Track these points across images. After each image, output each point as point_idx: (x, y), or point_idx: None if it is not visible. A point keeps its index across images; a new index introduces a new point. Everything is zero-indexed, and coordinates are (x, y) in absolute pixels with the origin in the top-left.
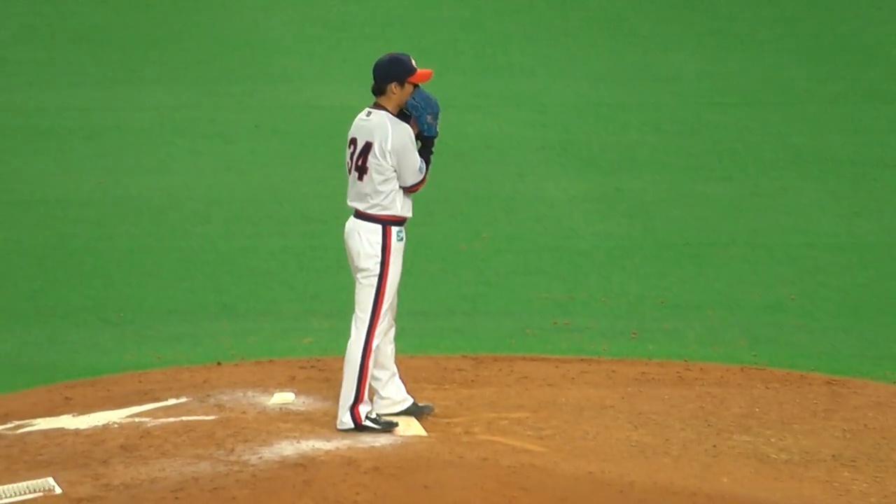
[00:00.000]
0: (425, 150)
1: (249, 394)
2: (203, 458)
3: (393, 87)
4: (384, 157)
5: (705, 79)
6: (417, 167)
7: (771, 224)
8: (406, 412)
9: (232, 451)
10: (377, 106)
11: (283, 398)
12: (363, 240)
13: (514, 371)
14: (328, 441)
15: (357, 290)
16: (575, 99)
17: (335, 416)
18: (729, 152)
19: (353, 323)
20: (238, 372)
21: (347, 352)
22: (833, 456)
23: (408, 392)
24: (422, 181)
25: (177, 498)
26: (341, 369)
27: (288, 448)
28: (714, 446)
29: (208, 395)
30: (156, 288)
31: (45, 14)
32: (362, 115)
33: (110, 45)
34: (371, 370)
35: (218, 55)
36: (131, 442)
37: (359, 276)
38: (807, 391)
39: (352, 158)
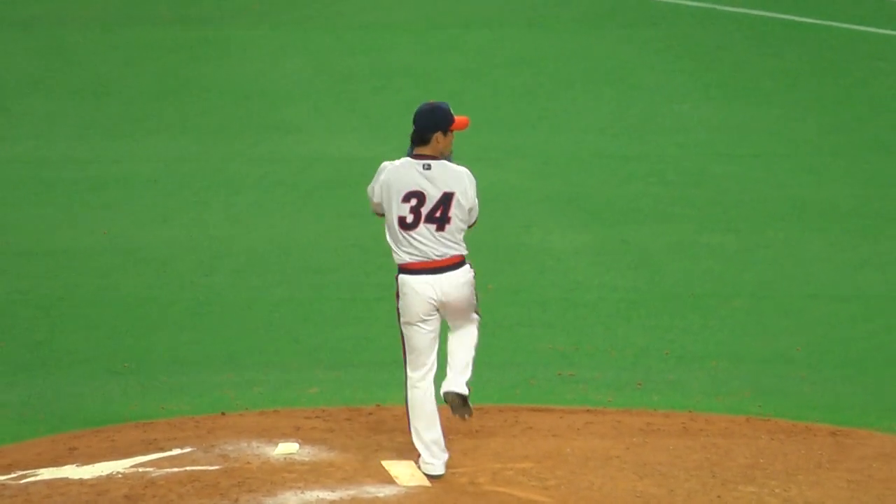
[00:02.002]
0: None
1: (254, 444)
2: None
3: (438, 136)
4: (467, 203)
5: (710, 130)
6: (476, 206)
7: (776, 275)
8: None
9: (236, 501)
10: (424, 157)
11: (287, 448)
12: (469, 284)
13: (518, 422)
14: (333, 491)
15: (465, 332)
16: (579, 150)
17: (340, 467)
18: (734, 203)
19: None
20: (242, 422)
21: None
22: None
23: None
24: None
25: None
26: (351, 419)
27: (292, 499)
28: (719, 497)
29: (213, 446)
30: (160, 339)
31: (50, 65)
32: (415, 167)
33: (116, 96)
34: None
35: (223, 106)
36: (135, 492)
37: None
38: (811, 442)
39: (416, 211)
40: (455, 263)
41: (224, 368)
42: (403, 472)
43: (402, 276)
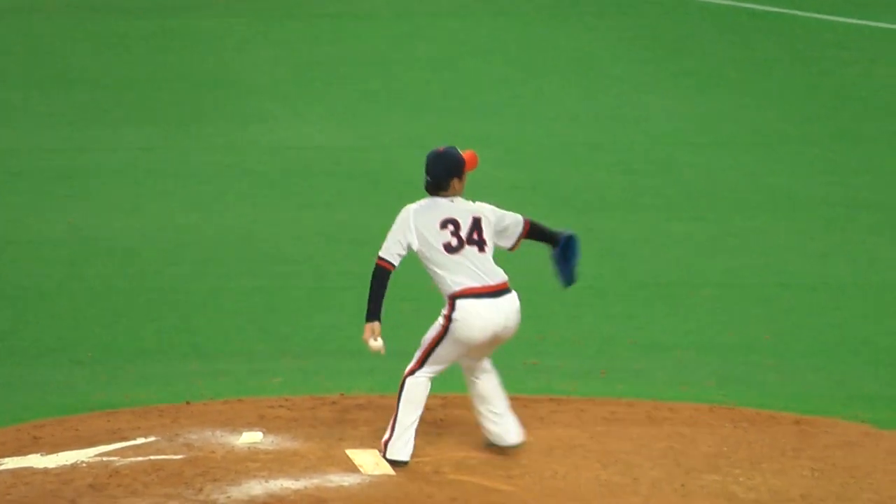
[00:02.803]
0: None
1: (218, 433)
2: (172, 497)
3: (454, 182)
4: (494, 216)
5: (677, 119)
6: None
7: (743, 264)
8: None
9: (200, 490)
10: (446, 196)
11: (251, 437)
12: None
13: None
14: (297, 480)
15: (493, 370)
16: (546, 139)
17: (304, 456)
18: (701, 192)
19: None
20: (207, 411)
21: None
22: (802, 496)
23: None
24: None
25: None
26: (315, 408)
27: (257, 487)
28: (683, 485)
29: (177, 435)
30: (126, 328)
31: (17, 55)
32: (442, 202)
33: (83, 85)
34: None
35: (190, 96)
36: (100, 481)
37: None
38: (776, 431)
39: (456, 235)
40: (508, 288)
41: (189, 358)
42: (368, 461)
43: (461, 302)
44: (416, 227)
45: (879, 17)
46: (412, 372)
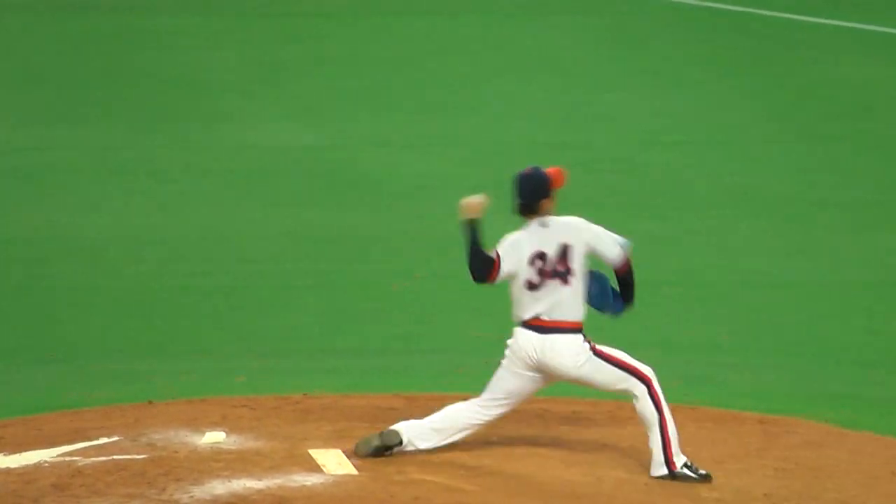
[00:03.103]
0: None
1: (181, 433)
2: (135, 497)
3: (544, 202)
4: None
5: (640, 117)
6: (620, 242)
7: (705, 263)
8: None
9: (164, 490)
10: (537, 217)
11: (214, 437)
12: (571, 355)
13: None
14: (260, 480)
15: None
16: (510, 138)
17: (267, 456)
18: (663, 191)
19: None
20: (170, 411)
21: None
22: (765, 495)
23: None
24: (628, 261)
25: None
26: (278, 408)
27: (219, 487)
28: (646, 485)
29: (140, 434)
30: (89, 327)
31: None
32: (535, 229)
33: (46, 84)
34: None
35: (154, 95)
36: (63, 481)
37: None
38: (739, 430)
39: (542, 271)
40: (562, 328)
41: (152, 357)
42: (331, 461)
43: (516, 329)
44: (506, 266)
45: (843, 16)
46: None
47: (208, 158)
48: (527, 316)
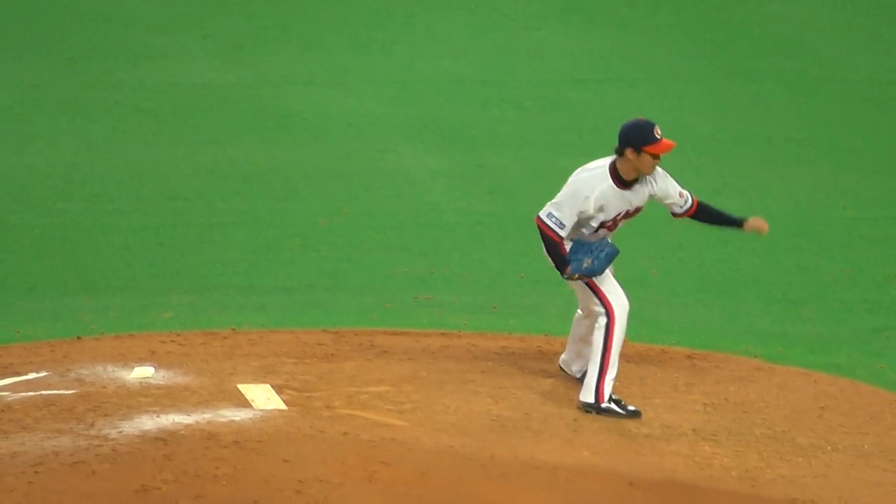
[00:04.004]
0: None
1: (109, 368)
2: (63, 432)
3: (629, 152)
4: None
5: (567, 55)
6: (551, 210)
7: None
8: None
9: (92, 425)
10: (613, 162)
11: (143, 373)
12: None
13: (374, 345)
14: (188, 415)
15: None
16: (436, 76)
17: (195, 391)
18: (591, 129)
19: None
20: (98, 347)
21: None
22: (694, 430)
23: None
24: (541, 225)
25: (36, 472)
26: (206, 344)
27: (148, 422)
28: (575, 420)
29: (68, 370)
30: (16, 264)
31: None
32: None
33: None
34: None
35: (79, 32)
36: None
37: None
38: (668, 365)
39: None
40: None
41: (80, 293)
42: (259, 396)
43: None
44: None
45: None
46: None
47: (134, 97)
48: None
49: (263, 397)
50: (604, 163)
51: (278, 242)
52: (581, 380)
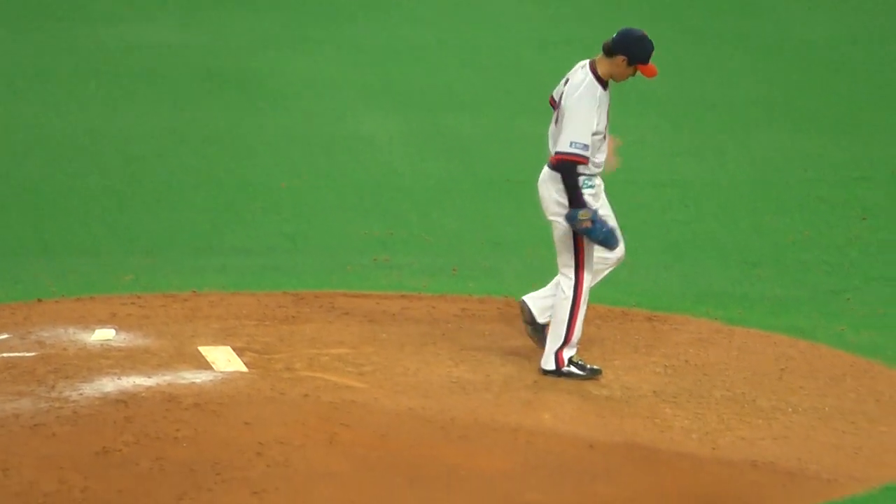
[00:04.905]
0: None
1: (70, 330)
2: (24, 394)
3: (620, 59)
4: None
5: (525, 18)
6: (571, 139)
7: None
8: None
9: (53, 387)
10: (592, 63)
11: (103, 335)
12: (552, 189)
13: (335, 307)
14: (149, 377)
15: (555, 241)
16: (394, 39)
17: (156, 353)
18: (548, 91)
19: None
20: (58, 309)
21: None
22: (654, 392)
23: None
24: (565, 158)
25: None
26: (166, 306)
27: (109, 384)
28: (535, 382)
29: (29, 332)
30: None
31: None
32: (579, 63)
33: None
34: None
35: None
36: None
37: (552, 222)
38: (628, 327)
39: (554, 100)
40: (552, 166)
41: (39, 256)
42: (220, 358)
43: None
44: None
45: None
46: None
47: (94, 59)
48: None
49: (224, 359)
50: (583, 74)
51: (238, 205)
52: (540, 342)
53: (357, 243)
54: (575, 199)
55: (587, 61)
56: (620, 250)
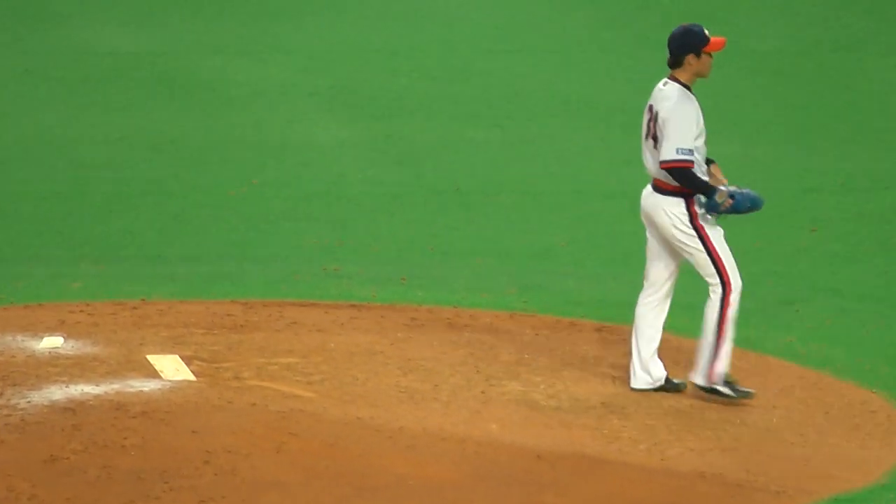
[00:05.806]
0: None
1: (18, 338)
2: None
3: (690, 58)
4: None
5: (476, 25)
6: (676, 145)
7: (541, 171)
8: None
9: (1, 394)
10: (672, 77)
11: (52, 342)
12: (668, 215)
13: (283, 316)
14: (97, 385)
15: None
16: (344, 45)
17: (104, 361)
18: (499, 99)
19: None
20: (7, 316)
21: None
22: (603, 403)
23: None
24: (674, 165)
25: None
26: (115, 314)
27: (57, 392)
28: (483, 392)
29: None
30: None
31: None
32: (659, 84)
33: None
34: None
35: None
36: None
37: (679, 247)
38: (577, 338)
39: (647, 126)
40: (663, 190)
41: None
42: (168, 367)
43: None
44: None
45: None
46: None
47: (43, 64)
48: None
49: (172, 368)
50: (671, 88)
51: (187, 212)
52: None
53: (306, 252)
54: (701, 188)
55: (663, 81)
56: (740, 284)
